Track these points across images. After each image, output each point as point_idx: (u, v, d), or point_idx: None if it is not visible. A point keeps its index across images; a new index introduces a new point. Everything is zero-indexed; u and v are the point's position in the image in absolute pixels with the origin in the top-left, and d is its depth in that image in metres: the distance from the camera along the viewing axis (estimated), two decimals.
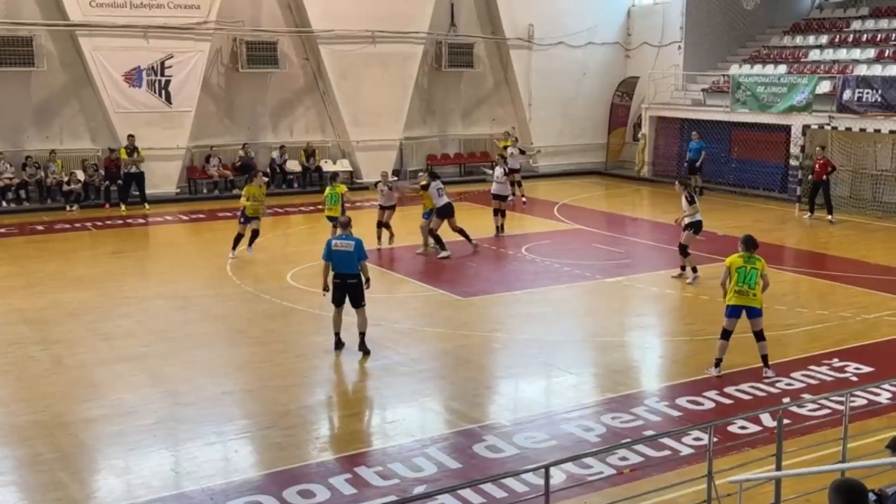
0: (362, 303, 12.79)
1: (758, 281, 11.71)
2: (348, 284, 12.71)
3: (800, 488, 8.09)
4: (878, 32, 28.16)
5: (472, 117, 31.81)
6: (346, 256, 12.64)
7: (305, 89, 28.98)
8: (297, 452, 9.76)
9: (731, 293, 11.72)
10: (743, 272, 11.67)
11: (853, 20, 29.60)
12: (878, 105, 23.86)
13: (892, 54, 26.43)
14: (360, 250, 12.69)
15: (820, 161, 22.41)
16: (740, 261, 11.77)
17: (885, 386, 11.07)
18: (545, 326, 14.45)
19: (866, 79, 24.72)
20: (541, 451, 9.63)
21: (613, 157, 33.12)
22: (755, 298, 11.71)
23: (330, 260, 12.80)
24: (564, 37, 31.78)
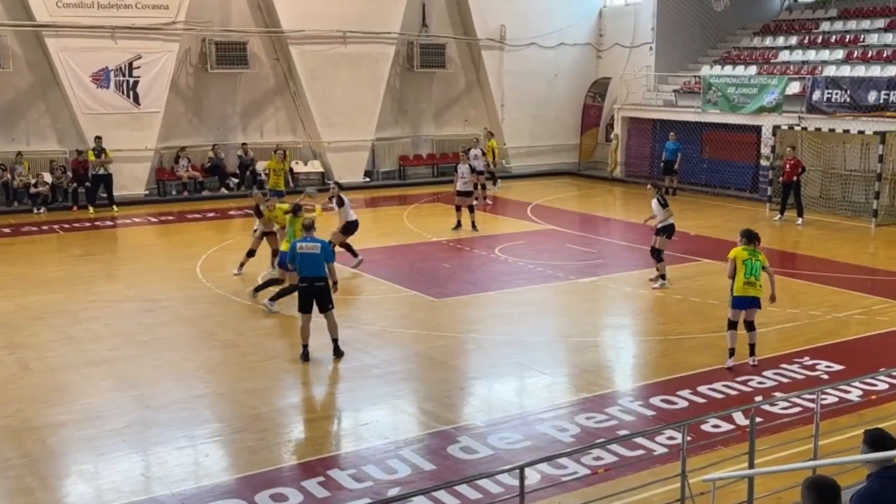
0: (329, 306, 12.54)
1: (761, 273, 12.04)
2: (315, 288, 12.46)
3: (772, 486, 8.11)
4: (846, 34, 28.42)
5: (444, 118, 31.77)
6: (313, 259, 12.41)
7: (276, 90, 28.81)
8: (269, 456, 9.66)
9: (741, 284, 12.01)
10: (750, 264, 12.01)
11: (822, 21, 29.86)
12: (846, 106, 24.07)
13: (861, 55, 26.68)
14: (327, 252, 12.50)
15: (790, 162, 22.52)
16: (745, 254, 12.09)
17: (856, 384, 11.13)
18: (519, 327, 14.42)
19: (835, 80, 24.92)
20: (515, 452, 9.60)
21: (586, 158, 33.20)
22: (760, 289, 12.07)
23: (293, 263, 12.60)
24: (536, 37, 31.81)
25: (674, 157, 27.09)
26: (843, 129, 23.67)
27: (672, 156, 27.12)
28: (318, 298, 12.51)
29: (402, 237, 21.32)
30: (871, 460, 5.44)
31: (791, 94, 25.74)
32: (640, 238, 20.64)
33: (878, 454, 5.39)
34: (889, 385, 11.34)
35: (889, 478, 5.26)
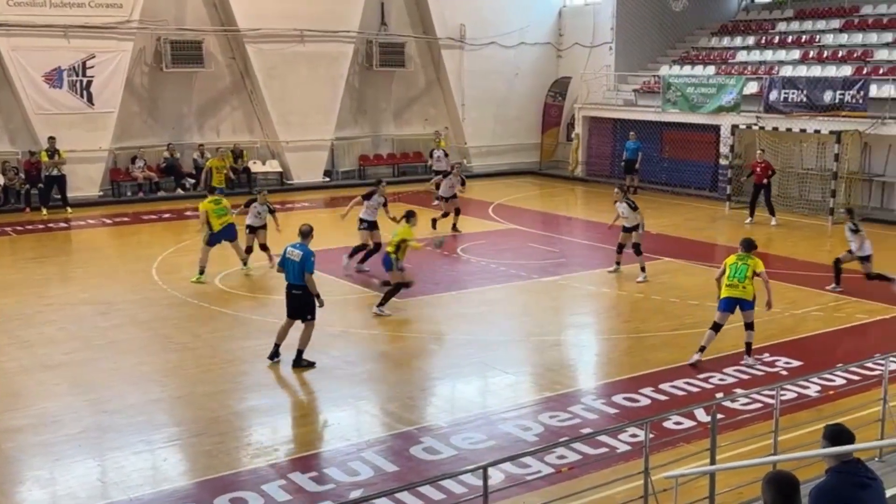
0: (308, 317, 12.33)
1: (748, 275, 12.21)
2: (293, 295, 12.36)
3: (733, 481, 8.13)
4: (802, 34, 28.75)
5: (404, 117, 31.66)
6: (293, 266, 12.28)
7: (232, 89, 28.53)
8: (228, 459, 9.54)
9: (724, 287, 12.31)
10: (734, 268, 12.27)
11: (778, 22, 30.19)
12: (803, 105, 24.32)
13: (816, 56, 27.00)
14: (307, 262, 12.18)
15: (761, 165, 22.53)
16: (733, 258, 12.43)
17: (814, 379, 11.27)
18: (481, 326, 14.38)
19: (792, 79, 25.18)
20: (479, 452, 9.55)
21: (547, 157, 33.27)
22: (745, 291, 12.21)
23: (282, 266, 12.49)
24: (496, 37, 31.82)
25: (634, 156, 27.22)
26: (800, 128, 23.92)
27: (633, 155, 27.25)
28: (296, 306, 12.35)
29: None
30: (829, 455, 5.50)
31: (749, 93, 25.98)
32: (601, 237, 20.70)
33: (836, 448, 5.46)
34: (846, 380, 11.43)
35: (846, 472, 5.33)
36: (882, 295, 15.60)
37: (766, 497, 4.72)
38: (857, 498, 5.26)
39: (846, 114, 23.26)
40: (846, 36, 27.43)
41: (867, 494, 5.30)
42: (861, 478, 5.33)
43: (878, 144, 23.60)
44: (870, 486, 5.34)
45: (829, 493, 5.26)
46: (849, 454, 5.45)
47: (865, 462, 5.63)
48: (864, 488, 5.30)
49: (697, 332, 13.73)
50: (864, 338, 13.86)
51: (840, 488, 5.27)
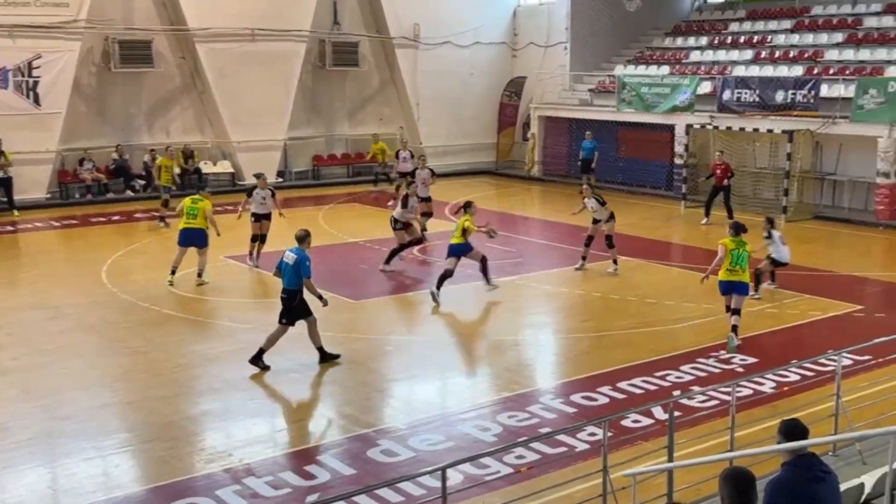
0: (305, 316, 12.29)
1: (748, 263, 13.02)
2: (282, 299, 12.32)
3: (691, 478, 8.16)
4: (754, 34, 29.07)
5: (358, 117, 31.47)
6: (287, 270, 12.24)
7: (182, 89, 28.16)
8: (182, 465, 9.41)
9: (724, 271, 13.00)
10: (736, 254, 12.90)
11: (731, 22, 30.49)
12: (755, 105, 24.56)
13: (768, 56, 27.30)
14: (303, 267, 12.10)
15: (721, 167, 22.61)
16: (732, 244, 12.96)
17: (769, 376, 11.34)
18: (439, 327, 14.33)
19: (744, 79, 25.42)
20: (437, 453, 9.50)
21: (503, 157, 33.30)
22: (744, 275, 13.01)
23: (279, 270, 12.37)
24: (451, 36, 31.76)
25: (591, 155, 27.28)
26: (753, 127, 24.16)
27: (589, 154, 27.32)
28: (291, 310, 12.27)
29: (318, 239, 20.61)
30: (784, 450, 5.57)
31: (703, 93, 26.19)
32: (559, 237, 20.77)
33: (791, 444, 5.53)
34: (800, 376, 11.54)
35: (801, 466, 5.41)
36: (835, 292, 15.77)
37: (723, 493, 4.75)
38: (811, 491, 5.33)
39: (798, 113, 23.52)
40: (797, 36, 27.78)
41: (822, 488, 5.38)
42: (815, 472, 5.42)
43: (829, 143, 23.91)
44: (824, 479, 5.42)
45: (785, 487, 5.33)
46: (804, 449, 5.52)
47: (820, 456, 5.69)
48: (819, 482, 5.39)
49: (655, 331, 13.84)
50: (817, 334, 13.99)
51: (795, 482, 5.35)
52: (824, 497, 5.38)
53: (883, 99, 21.94)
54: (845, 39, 26.29)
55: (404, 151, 25.72)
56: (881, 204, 22.26)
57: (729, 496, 4.71)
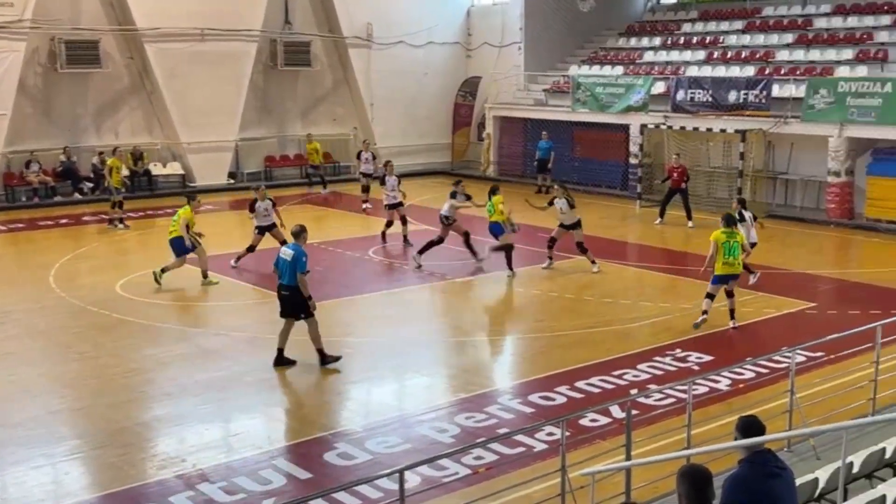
0: (302, 315, 12.23)
1: (740, 251, 13.66)
2: (282, 295, 12.24)
3: (649, 476, 8.20)
4: (706, 35, 29.33)
5: (311, 117, 31.19)
6: (284, 266, 12.14)
7: (131, 89, 27.75)
8: (134, 472, 9.28)
9: (720, 265, 13.55)
10: (727, 246, 13.50)
11: (683, 23, 30.75)
12: (708, 105, 24.77)
13: (721, 56, 27.56)
14: (299, 263, 12.03)
15: (677, 169, 22.72)
16: (724, 237, 13.55)
17: (725, 373, 11.41)
18: (396, 328, 14.23)
19: (697, 79, 25.62)
20: (394, 456, 9.43)
21: (459, 157, 33.26)
22: (738, 268, 13.78)
23: (276, 266, 12.29)
24: (404, 36, 31.64)
25: (547, 155, 27.33)
26: (707, 127, 24.36)
27: (545, 154, 27.36)
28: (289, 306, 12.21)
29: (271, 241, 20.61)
30: (741, 447, 5.62)
31: (657, 93, 26.36)
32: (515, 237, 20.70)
33: (746, 440, 5.59)
34: (755, 373, 11.63)
35: (758, 462, 5.47)
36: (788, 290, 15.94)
37: (681, 490, 4.77)
38: (768, 487, 5.40)
39: (750, 113, 23.76)
40: (749, 37, 28.08)
41: (778, 484, 5.45)
42: (771, 468, 5.49)
43: (781, 143, 24.19)
44: (780, 475, 5.49)
45: (742, 484, 5.39)
46: (760, 445, 5.57)
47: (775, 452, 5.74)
48: (775, 478, 5.46)
49: (612, 330, 13.88)
50: (771, 332, 14.12)
51: (752, 478, 5.41)
52: (780, 493, 5.45)
53: (833, 99, 22.24)
54: (796, 40, 26.64)
55: (366, 152, 25.56)
56: (832, 202, 22.57)
57: (686, 493, 4.73)
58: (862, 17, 25.95)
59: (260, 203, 17.73)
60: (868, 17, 25.79)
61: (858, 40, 25.17)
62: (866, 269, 18.24)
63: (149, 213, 24.10)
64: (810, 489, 7.07)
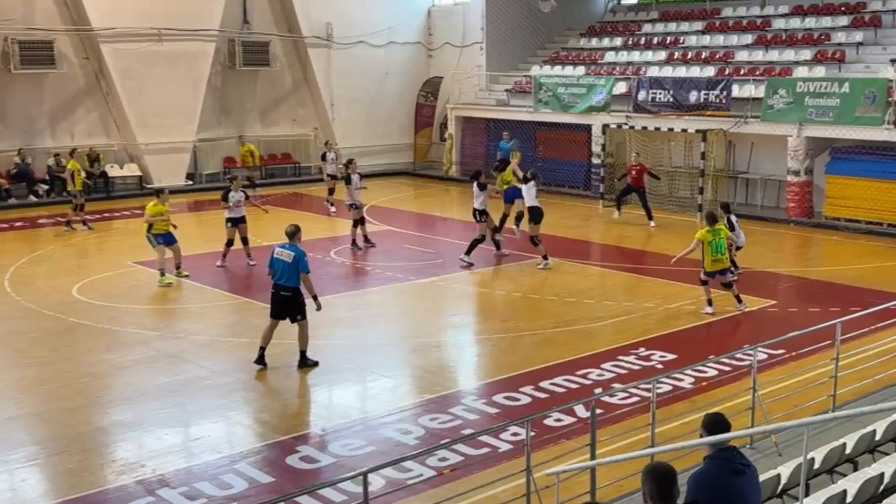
0: (298, 317, 12.10)
1: (726, 246, 14.26)
2: (282, 297, 12.05)
3: (614, 475, 8.23)
4: (667, 35, 29.51)
5: (270, 117, 30.99)
6: (283, 267, 11.98)
7: (86, 90, 27.38)
8: (93, 478, 9.13)
9: (710, 262, 14.19)
10: (714, 245, 14.08)
11: (644, 23, 30.92)
12: (670, 105, 24.91)
13: (681, 57, 27.75)
14: (301, 263, 11.93)
15: (636, 168, 22.86)
16: (710, 235, 14.12)
17: (688, 371, 11.44)
18: (358, 330, 14.14)
19: (658, 80, 25.78)
20: (358, 458, 9.37)
21: (421, 158, 33.19)
22: (726, 261, 14.39)
23: (271, 268, 12.10)
24: (364, 36, 31.51)
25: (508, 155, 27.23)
26: (668, 127, 24.50)
27: (507, 154, 27.25)
28: (286, 309, 12.07)
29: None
30: (704, 444, 5.66)
31: (618, 93, 26.45)
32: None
33: (709, 438, 5.62)
34: (718, 371, 11.70)
35: (722, 459, 5.51)
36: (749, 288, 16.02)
37: (645, 488, 4.78)
38: (732, 484, 5.43)
39: (711, 113, 23.93)
40: (708, 38, 28.29)
41: (742, 480, 5.49)
42: (736, 465, 5.53)
43: (742, 142, 24.40)
44: (744, 472, 5.54)
45: (707, 480, 5.43)
46: (725, 442, 5.61)
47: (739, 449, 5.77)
48: (739, 475, 5.50)
49: (576, 329, 13.89)
50: (733, 330, 14.22)
51: (716, 475, 5.45)
52: (744, 489, 5.49)
53: (791, 99, 22.46)
54: (755, 41, 26.88)
55: (331, 153, 25.39)
56: (792, 201, 22.79)
57: (650, 491, 4.74)
58: (819, 18, 26.26)
59: (233, 193, 17.62)
60: (825, 18, 26.11)
61: (816, 41, 25.46)
62: (826, 267, 18.45)
63: (105, 215, 23.76)
64: (773, 485, 7.09)
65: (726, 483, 5.40)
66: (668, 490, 4.72)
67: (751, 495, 5.55)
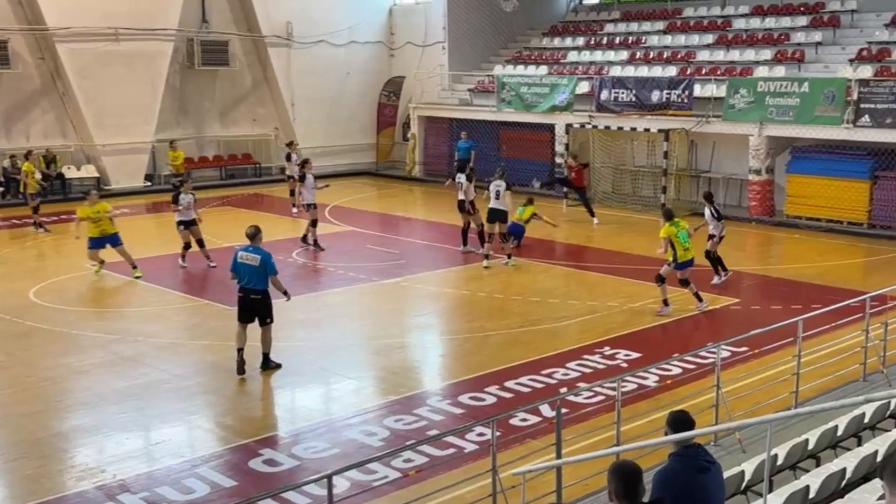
0: (267, 320, 11.90)
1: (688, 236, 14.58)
2: (251, 300, 11.82)
3: (579, 474, 8.22)
4: (629, 35, 29.64)
5: (230, 117, 30.69)
6: (250, 271, 11.76)
7: (42, 91, 26.95)
8: (52, 484, 8.98)
9: (682, 252, 14.33)
10: (683, 235, 14.37)
11: (606, 23, 31.04)
12: (632, 104, 25.01)
13: (643, 56, 27.88)
14: (269, 265, 11.76)
15: (575, 168, 23.09)
16: (674, 229, 14.33)
17: (653, 370, 11.48)
18: (321, 331, 14.01)
19: (621, 79, 25.87)
20: (322, 461, 9.28)
21: (384, 158, 33.06)
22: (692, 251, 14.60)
23: (235, 272, 11.86)
24: (325, 35, 31.31)
25: (467, 155, 27.03)
26: (631, 126, 24.61)
27: (465, 154, 27.03)
28: (255, 312, 11.84)
29: None
30: (669, 441, 5.69)
31: (581, 93, 26.52)
32: (442, 237, 20.67)
33: (674, 435, 5.63)
34: (682, 369, 11.71)
35: (687, 456, 5.52)
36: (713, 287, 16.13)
37: (611, 486, 4.79)
38: (696, 481, 5.45)
39: (673, 112, 24.06)
40: (670, 38, 28.46)
41: (706, 477, 5.51)
42: (701, 462, 5.54)
43: (704, 141, 24.57)
44: (709, 469, 5.55)
45: (671, 478, 5.43)
46: (690, 440, 5.62)
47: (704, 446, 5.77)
48: (704, 472, 5.51)
49: (540, 329, 13.87)
50: (697, 328, 14.28)
51: (681, 473, 5.46)
52: (708, 486, 5.51)
53: (752, 98, 22.66)
54: (716, 41, 27.08)
55: (294, 154, 25.19)
56: (754, 200, 22.98)
57: (616, 489, 4.74)
58: (779, 18, 26.52)
59: (184, 196, 17.43)
60: (785, 18, 26.37)
61: (776, 41, 25.71)
62: (787, 265, 18.62)
63: (63, 217, 23.32)
64: (737, 482, 7.11)
65: (691, 480, 5.42)
66: (634, 488, 4.72)
67: (715, 492, 5.58)
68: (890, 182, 20.85)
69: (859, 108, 20.93)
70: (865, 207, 21.17)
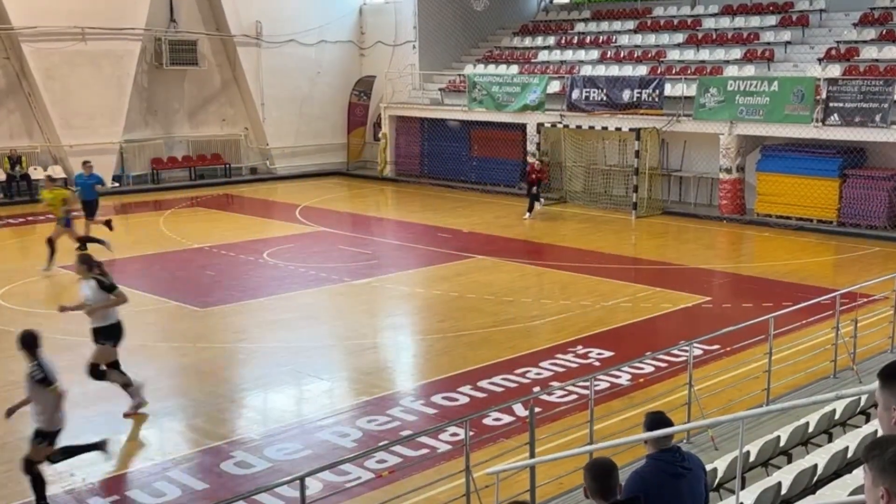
0: None
1: None
2: None
3: (553, 472, 8.21)
4: (599, 35, 29.71)
5: (199, 117, 30.43)
6: None
7: (7, 91, 26.59)
8: (20, 488, 8.82)
9: None
10: None
11: (577, 22, 31.09)
12: (603, 104, 25.06)
13: (614, 55, 27.95)
14: None
15: (538, 170, 23.35)
16: None
17: (625, 368, 11.51)
18: (293, 333, 13.90)
19: (592, 79, 25.90)
20: (295, 463, 9.22)
21: (355, 158, 32.93)
22: None
23: None
24: (295, 34, 31.13)
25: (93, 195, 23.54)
26: (602, 125, 24.66)
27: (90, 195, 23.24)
28: None
29: (159, 245, 20.08)
30: (643, 439, 5.64)
31: (552, 92, 26.54)
32: (413, 237, 20.61)
33: (648, 434, 5.55)
34: (655, 368, 11.73)
35: (663, 460, 5.44)
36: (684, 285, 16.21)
37: (586, 484, 4.81)
38: (669, 486, 5.36)
39: (644, 112, 24.14)
40: (640, 37, 28.54)
41: (682, 484, 5.40)
42: (676, 467, 5.43)
43: (675, 140, 24.67)
44: (684, 475, 5.43)
45: (641, 481, 5.36)
46: (668, 442, 5.55)
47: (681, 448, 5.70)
48: (679, 478, 5.41)
49: (513, 329, 13.87)
50: (669, 326, 14.32)
51: (654, 476, 5.39)
52: (683, 493, 5.41)
53: (722, 98, 22.77)
54: (686, 40, 27.20)
55: None
56: (724, 198, 23.09)
57: (590, 487, 4.76)
58: (749, 18, 26.69)
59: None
60: (754, 18, 26.54)
61: (746, 40, 25.86)
62: (758, 263, 18.74)
63: (29, 219, 23.08)
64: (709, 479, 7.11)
65: (662, 485, 5.33)
66: (607, 483, 4.74)
67: (690, 499, 5.45)
68: (858, 180, 21.03)
69: (828, 106, 21.09)
70: (835, 205, 21.33)
